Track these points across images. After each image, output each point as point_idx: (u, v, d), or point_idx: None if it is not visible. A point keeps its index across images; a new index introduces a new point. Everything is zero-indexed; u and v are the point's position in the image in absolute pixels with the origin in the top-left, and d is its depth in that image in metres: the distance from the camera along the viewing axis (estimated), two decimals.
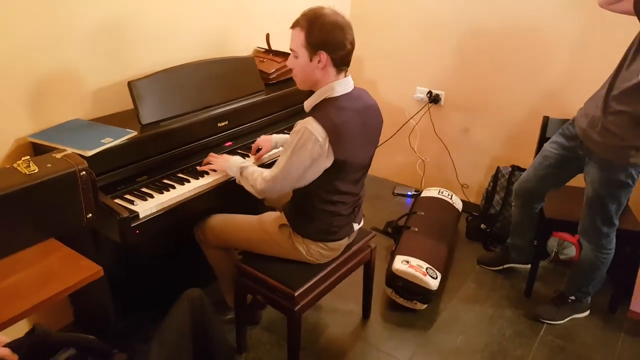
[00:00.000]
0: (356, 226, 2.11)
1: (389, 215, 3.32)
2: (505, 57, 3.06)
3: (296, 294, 1.92)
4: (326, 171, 1.82)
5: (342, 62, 1.81)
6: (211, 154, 2.16)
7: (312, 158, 1.76)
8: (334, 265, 2.09)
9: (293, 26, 1.82)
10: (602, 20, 2.63)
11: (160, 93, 2.12)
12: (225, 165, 2.05)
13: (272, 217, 2.08)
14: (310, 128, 1.74)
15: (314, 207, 1.93)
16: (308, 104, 1.88)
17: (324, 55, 1.77)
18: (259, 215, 2.13)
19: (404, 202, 3.61)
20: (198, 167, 2.12)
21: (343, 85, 1.84)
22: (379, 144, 2.05)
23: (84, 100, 2.10)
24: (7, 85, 1.84)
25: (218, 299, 2.42)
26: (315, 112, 1.81)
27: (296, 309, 1.95)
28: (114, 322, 2.14)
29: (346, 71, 1.86)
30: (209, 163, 2.12)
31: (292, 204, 2.00)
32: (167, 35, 2.35)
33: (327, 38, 1.75)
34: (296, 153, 1.76)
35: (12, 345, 1.36)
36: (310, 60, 1.79)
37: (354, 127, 1.83)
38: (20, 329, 2.11)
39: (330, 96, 1.83)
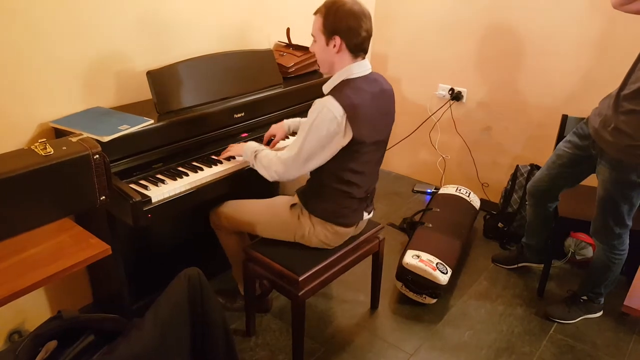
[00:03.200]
0: (366, 215, 2.16)
1: (407, 212, 3.34)
2: (527, 57, 3.04)
3: (300, 279, 1.98)
4: (345, 152, 1.88)
5: (357, 48, 1.87)
6: (230, 144, 2.24)
7: (329, 135, 1.83)
8: (339, 253, 2.14)
9: (315, 12, 1.91)
10: (623, 21, 2.60)
11: (178, 83, 2.19)
12: (241, 149, 2.13)
13: (282, 199, 2.16)
14: (328, 106, 1.80)
15: (328, 185, 1.98)
16: (327, 87, 1.94)
17: (338, 40, 1.84)
18: (270, 199, 2.20)
19: (423, 199, 3.61)
20: (214, 157, 2.19)
21: (360, 67, 1.90)
22: (400, 141, 2.08)
23: (105, 88, 2.19)
24: (32, 73, 1.94)
25: (230, 286, 2.49)
26: (334, 91, 1.87)
27: (300, 293, 2.00)
28: (129, 303, 2.22)
29: (363, 57, 1.92)
30: (227, 151, 2.19)
31: (308, 184, 2.06)
32: (190, 27, 2.43)
33: (341, 24, 1.82)
34: (313, 130, 1.83)
35: (43, 331, 1.46)
36: (327, 45, 1.88)
37: (370, 109, 1.89)
38: (43, 311, 2.25)
39: (347, 78, 1.89)
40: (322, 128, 1.82)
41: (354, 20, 1.82)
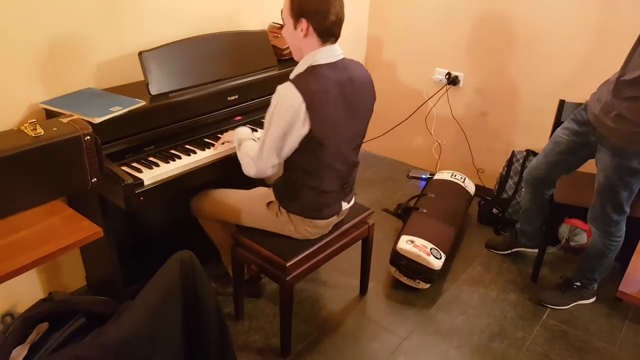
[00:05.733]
0: (345, 205, 2.11)
1: (401, 198, 3.33)
2: (525, 41, 3.01)
3: (288, 264, 1.98)
4: (308, 144, 1.82)
5: (325, 33, 1.78)
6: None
7: (287, 123, 1.76)
8: (328, 239, 2.13)
9: None
10: (621, 6, 2.58)
11: (171, 64, 2.16)
12: (233, 136, 2.10)
13: (260, 193, 2.12)
14: (284, 92, 1.75)
15: (299, 182, 1.94)
16: (293, 74, 1.87)
17: (305, 24, 1.76)
18: (250, 190, 2.17)
19: (418, 185, 3.60)
20: (207, 140, 2.17)
21: (327, 52, 1.82)
22: (395, 126, 2.03)
23: (97, 69, 2.16)
24: (23, 53, 1.91)
25: (223, 271, 2.48)
26: (295, 79, 1.81)
27: (288, 278, 2.00)
28: (122, 287, 2.21)
29: (334, 42, 1.84)
30: (222, 139, 2.16)
31: (281, 179, 2.02)
32: (182, 7, 2.39)
33: (308, 7, 1.75)
34: (274, 119, 1.78)
35: (33, 313, 1.45)
36: (295, 29, 1.80)
37: (333, 98, 1.82)
38: (35, 294, 2.23)
39: (312, 64, 1.82)
40: (281, 116, 1.76)
41: (321, 3, 1.74)
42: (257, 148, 1.88)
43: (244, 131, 2.09)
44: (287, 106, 1.74)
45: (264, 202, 2.07)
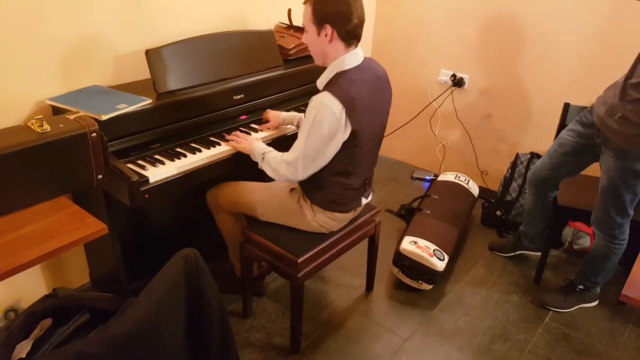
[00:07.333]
0: (364, 200, 2.16)
1: (405, 199, 3.33)
2: (530, 44, 3.01)
3: (299, 260, 1.99)
4: (346, 146, 1.87)
5: (349, 35, 1.82)
6: (238, 132, 2.20)
7: (330, 132, 1.80)
8: (337, 236, 2.15)
9: (304, 2, 1.86)
10: (628, 9, 2.58)
11: (177, 63, 2.17)
12: (250, 148, 2.07)
13: (282, 183, 2.14)
14: (326, 102, 1.78)
15: (326, 178, 1.97)
16: (321, 82, 1.91)
17: (329, 29, 1.80)
18: (270, 183, 2.19)
19: (421, 186, 3.60)
20: (213, 138, 2.18)
21: (353, 57, 1.87)
22: (400, 127, 2.05)
23: (103, 67, 2.17)
24: (30, 50, 1.91)
25: (226, 270, 2.49)
26: (329, 86, 1.84)
27: (299, 275, 2.02)
28: (126, 283, 2.22)
29: (356, 45, 1.88)
30: (234, 138, 2.15)
31: None
32: (189, 6, 2.40)
33: (331, 12, 1.78)
34: (315, 129, 1.81)
35: (37, 309, 1.46)
36: (318, 35, 1.83)
37: (367, 99, 1.87)
38: (39, 290, 2.24)
39: (341, 70, 1.86)
40: (323, 125, 1.79)
41: (344, 6, 1.77)
42: (296, 155, 1.88)
43: (261, 146, 2.06)
44: (330, 115, 1.77)
45: (286, 189, 2.10)
